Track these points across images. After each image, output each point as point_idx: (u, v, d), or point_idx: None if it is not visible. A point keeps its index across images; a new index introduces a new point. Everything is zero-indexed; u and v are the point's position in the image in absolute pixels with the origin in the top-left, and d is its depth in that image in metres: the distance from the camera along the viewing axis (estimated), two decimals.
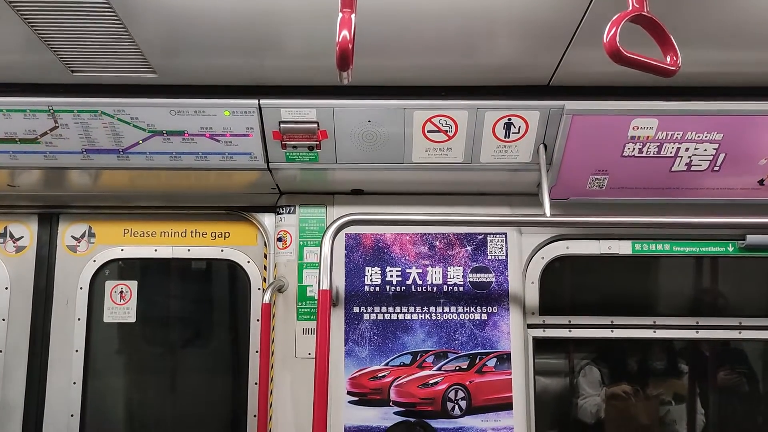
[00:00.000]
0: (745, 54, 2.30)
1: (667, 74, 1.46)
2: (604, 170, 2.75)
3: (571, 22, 2.04)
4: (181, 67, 2.40)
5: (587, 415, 3.57)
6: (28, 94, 2.56)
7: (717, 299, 3.56)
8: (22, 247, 3.25)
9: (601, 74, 2.44)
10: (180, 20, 2.05)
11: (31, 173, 2.86)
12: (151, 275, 3.38)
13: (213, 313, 3.51)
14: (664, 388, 3.62)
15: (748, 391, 3.64)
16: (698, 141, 2.62)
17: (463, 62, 2.37)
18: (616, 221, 2.70)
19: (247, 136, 2.65)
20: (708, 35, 2.13)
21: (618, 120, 2.56)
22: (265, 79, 2.52)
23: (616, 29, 1.38)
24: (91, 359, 3.21)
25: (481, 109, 2.58)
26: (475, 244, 3.07)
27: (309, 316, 3.06)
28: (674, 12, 1.92)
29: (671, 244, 3.12)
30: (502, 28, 2.11)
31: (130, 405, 3.41)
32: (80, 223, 3.28)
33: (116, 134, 2.64)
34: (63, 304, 3.21)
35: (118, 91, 2.54)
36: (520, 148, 2.71)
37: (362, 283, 3.05)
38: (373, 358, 3.00)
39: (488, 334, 3.01)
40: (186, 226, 3.28)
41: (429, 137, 2.67)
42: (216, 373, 3.40)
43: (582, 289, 3.59)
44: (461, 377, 2.98)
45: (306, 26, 2.08)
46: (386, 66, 2.39)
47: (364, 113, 2.59)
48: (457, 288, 3.04)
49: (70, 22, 2.06)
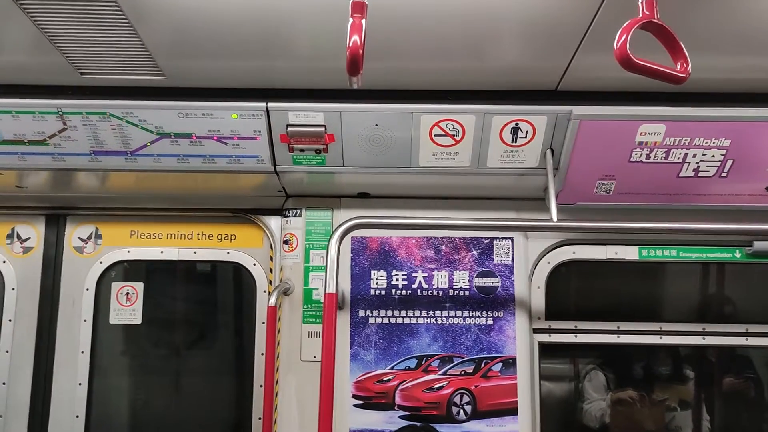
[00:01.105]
0: (753, 60, 2.30)
1: (677, 81, 1.46)
2: (612, 175, 2.75)
3: (580, 27, 2.04)
4: (190, 69, 2.41)
5: (592, 420, 3.56)
6: (37, 95, 2.56)
7: (724, 305, 3.54)
8: (29, 248, 3.26)
9: (609, 79, 2.44)
10: (189, 23, 2.05)
11: (39, 174, 2.87)
12: (157, 277, 3.39)
13: (218, 315, 3.50)
14: (670, 393, 3.60)
15: (754, 398, 3.63)
16: (706, 147, 2.62)
17: (470, 66, 2.37)
18: (622, 226, 2.70)
19: (255, 139, 2.65)
20: (716, 41, 2.13)
21: (625, 125, 2.56)
22: (273, 82, 2.53)
23: (627, 36, 1.38)
24: (97, 360, 3.22)
25: (489, 113, 2.58)
26: (481, 248, 3.07)
27: (315, 320, 3.06)
28: (683, 18, 1.92)
29: (678, 249, 3.11)
30: (510, 32, 2.11)
31: (136, 406, 3.41)
32: (87, 224, 3.29)
33: (124, 136, 2.65)
34: (69, 305, 3.22)
35: (126, 93, 2.55)
36: (527, 152, 2.71)
37: (368, 287, 3.05)
38: (378, 362, 3.00)
39: (494, 339, 3.01)
40: (192, 228, 3.29)
41: (436, 141, 2.67)
42: (221, 375, 3.40)
43: (588, 295, 3.58)
44: (467, 382, 2.98)
45: (314, 29, 2.09)
46: (394, 70, 2.39)
47: (372, 117, 2.59)
48: (463, 292, 3.04)
49: (79, 24, 2.07)
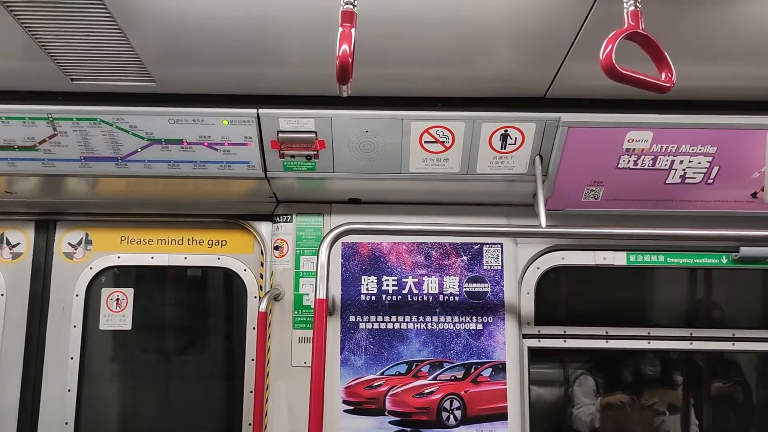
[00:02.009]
0: (738, 69, 2.33)
1: (662, 90, 1.48)
2: (600, 182, 2.77)
3: (568, 35, 2.07)
4: (181, 76, 2.42)
5: (582, 425, 3.58)
6: (28, 101, 2.56)
7: (711, 311, 3.58)
8: (19, 254, 3.24)
9: (597, 87, 2.46)
10: (180, 29, 2.06)
11: (29, 180, 2.86)
12: (148, 283, 3.38)
13: (209, 321, 3.50)
14: (658, 398, 3.63)
15: (741, 402, 3.66)
16: (692, 154, 2.65)
17: (460, 74, 2.40)
18: (611, 232, 2.72)
19: (246, 145, 2.66)
20: (702, 50, 2.16)
21: (613, 132, 2.59)
22: (263, 88, 2.54)
23: (612, 46, 1.40)
24: (87, 366, 3.20)
25: (478, 120, 2.60)
26: (471, 254, 3.08)
27: (305, 325, 3.05)
28: (669, 28, 1.95)
29: (666, 255, 3.14)
30: (500, 40, 2.13)
31: (125, 413, 3.40)
32: (77, 230, 3.28)
33: (115, 142, 2.64)
34: (59, 311, 3.20)
35: (117, 99, 2.56)
36: (516, 159, 2.73)
37: (358, 292, 3.05)
38: (368, 368, 3.00)
39: (483, 344, 3.02)
40: (183, 233, 3.28)
41: (426, 148, 2.69)
42: (211, 381, 3.40)
43: (577, 300, 3.60)
44: (456, 387, 2.99)
45: (305, 36, 2.10)
46: (384, 77, 2.41)
47: (362, 123, 2.60)
48: (453, 298, 3.05)
49: (69, 30, 2.07)
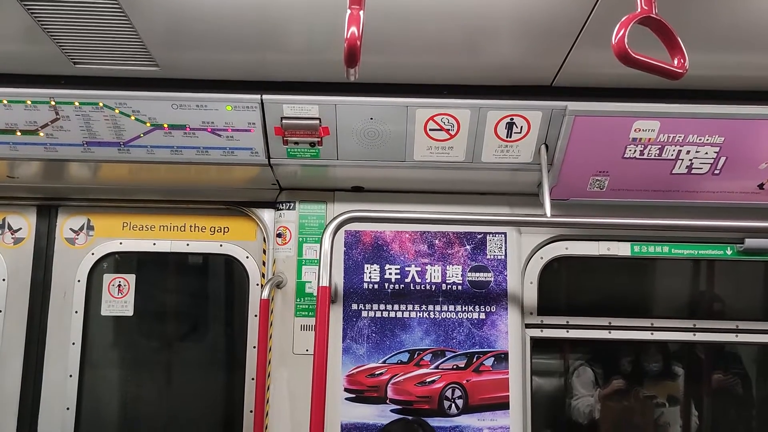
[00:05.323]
0: (748, 57, 2.31)
1: (675, 77, 1.46)
2: (605, 171, 2.76)
3: (576, 22, 2.05)
4: (184, 60, 2.40)
5: (580, 416, 3.59)
6: (30, 85, 2.54)
7: (714, 302, 3.57)
8: (20, 239, 3.23)
9: (604, 75, 2.44)
10: (183, 13, 2.04)
11: (31, 165, 2.84)
12: (150, 269, 3.38)
13: (211, 308, 3.50)
14: (658, 389, 3.63)
15: (742, 394, 3.66)
16: (699, 144, 2.63)
17: (466, 61, 2.37)
18: (615, 222, 2.71)
19: (249, 131, 2.64)
20: (712, 38, 2.14)
21: (620, 121, 2.57)
22: (267, 74, 2.52)
23: (625, 30, 1.38)
24: (88, 352, 3.21)
25: (484, 108, 2.58)
26: (474, 243, 3.07)
27: (307, 313, 3.05)
28: (680, 14, 1.91)
29: (670, 246, 3.13)
30: (506, 27, 2.11)
31: (126, 399, 3.40)
32: (79, 215, 3.27)
33: (117, 127, 2.63)
34: (60, 296, 3.20)
35: (120, 83, 2.53)
36: (522, 148, 2.71)
37: (361, 281, 3.05)
38: (370, 356, 3.00)
39: (486, 334, 3.01)
40: (185, 220, 3.27)
41: (431, 135, 2.67)
42: (213, 368, 3.40)
43: (580, 290, 3.59)
44: (458, 376, 2.99)
45: (309, 21, 2.08)
46: (390, 64, 2.39)
47: (367, 110, 2.59)
48: (456, 287, 3.04)
49: (73, 13, 2.05)
